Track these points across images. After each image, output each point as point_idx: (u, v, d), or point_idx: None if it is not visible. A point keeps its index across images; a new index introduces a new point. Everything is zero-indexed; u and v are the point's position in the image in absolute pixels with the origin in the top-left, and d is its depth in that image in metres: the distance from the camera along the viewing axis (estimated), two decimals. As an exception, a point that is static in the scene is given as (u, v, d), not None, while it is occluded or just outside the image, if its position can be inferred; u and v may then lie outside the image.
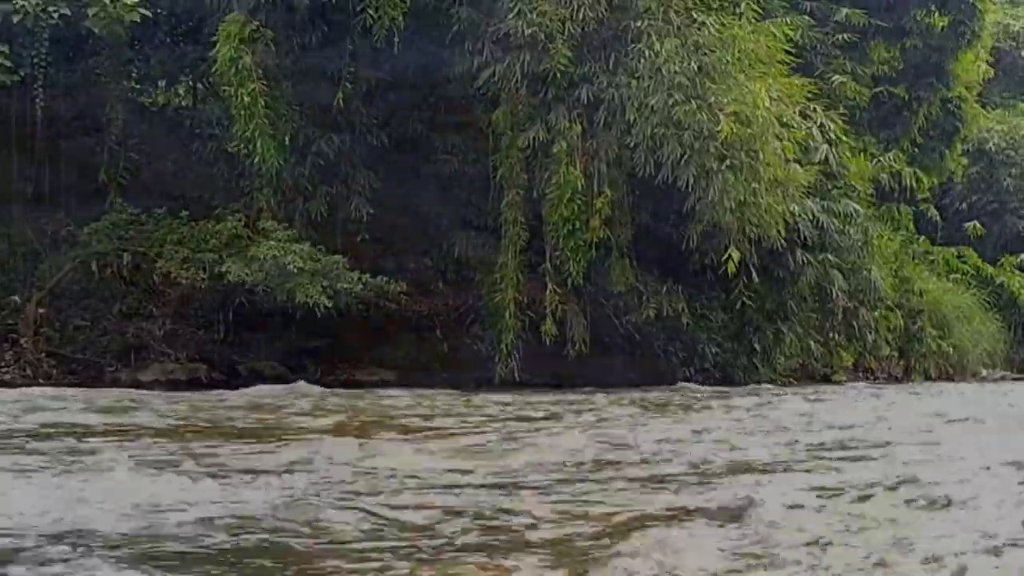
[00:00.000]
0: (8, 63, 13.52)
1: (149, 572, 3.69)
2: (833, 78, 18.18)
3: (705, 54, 14.11)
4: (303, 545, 4.13)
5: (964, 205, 23.44)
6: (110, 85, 14.83)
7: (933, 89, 20.25)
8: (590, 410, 9.98)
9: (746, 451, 6.74)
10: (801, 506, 4.84)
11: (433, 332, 15.16)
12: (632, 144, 13.99)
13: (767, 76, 14.56)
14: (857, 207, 16.80)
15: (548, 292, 14.40)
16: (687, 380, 15.06)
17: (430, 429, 8.17)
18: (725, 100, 13.75)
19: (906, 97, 20.14)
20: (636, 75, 13.99)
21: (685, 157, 13.64)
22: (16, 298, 13.98)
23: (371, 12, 13.85)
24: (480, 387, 13.43)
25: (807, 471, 6.02)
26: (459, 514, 4.63)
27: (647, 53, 14.01)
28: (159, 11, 14.25)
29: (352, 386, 13.04)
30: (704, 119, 13.66)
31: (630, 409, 10.21)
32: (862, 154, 18.57)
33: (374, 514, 4.61)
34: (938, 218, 21.77)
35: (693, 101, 13.67)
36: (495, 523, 4.52)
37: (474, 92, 14.57)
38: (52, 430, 7.56)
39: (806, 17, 17.82)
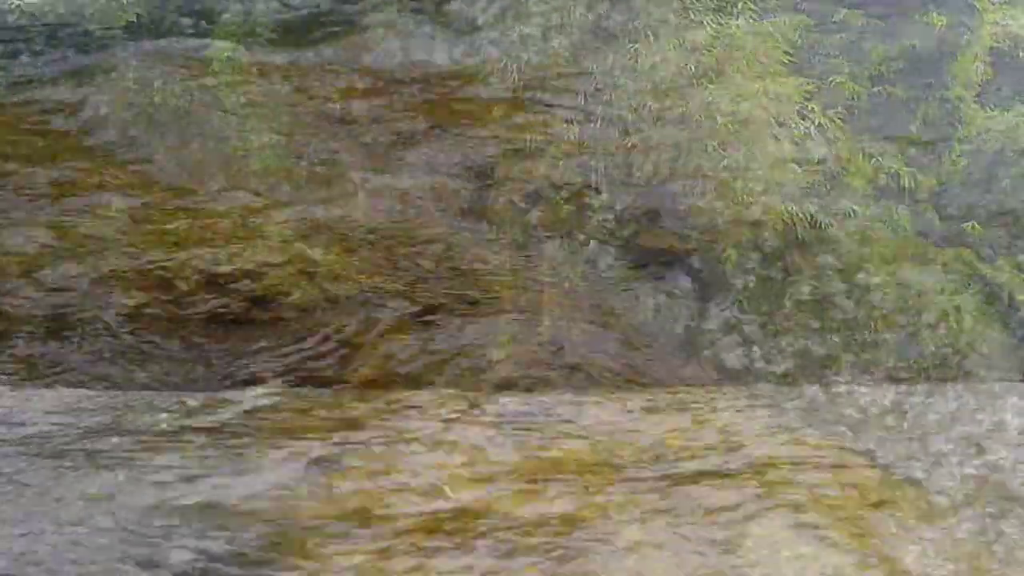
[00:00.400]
0: (3, 62, 13.62)
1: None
2: (831, 78, 18.20)
3: (702, 54, 14.23)
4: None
5: (963, 205, 23.47)
6: (106, 84, 14.89)
7: (931, 89, 20.29)
8: (591, 410, 10.02)
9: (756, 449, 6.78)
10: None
11: (431, 332, 15.16)
12: (629, 144, 14.06)
13: (765, 76, 14.64)
14: (855, 207, 16.81)
15: (546, 292, 14.43)
16: (685, 381, 15.07)
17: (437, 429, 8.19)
18: (722, 100, 13.87)
19: (904, 97, 20.17)
20: (633, 75, 14.11)
21: (683, 157, 13.72)
22: (11, 298, 13.99)
23: (368, 10, 13.98)
24: (478, 387, 13.45)
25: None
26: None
27: (644, 53, 14.15)
28: (156, 9, 14.34)
29: (350, 386, 13.06)
30: (701, 119, 13.76)
31: (632, 409, 10.26)
32: (860, 154, 18.60)
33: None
34: (936, 219, 21.81)
35: (690, 101, 13.79)
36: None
37: (472, 91, 14.65)
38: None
39: (804, 17, 17.85)
